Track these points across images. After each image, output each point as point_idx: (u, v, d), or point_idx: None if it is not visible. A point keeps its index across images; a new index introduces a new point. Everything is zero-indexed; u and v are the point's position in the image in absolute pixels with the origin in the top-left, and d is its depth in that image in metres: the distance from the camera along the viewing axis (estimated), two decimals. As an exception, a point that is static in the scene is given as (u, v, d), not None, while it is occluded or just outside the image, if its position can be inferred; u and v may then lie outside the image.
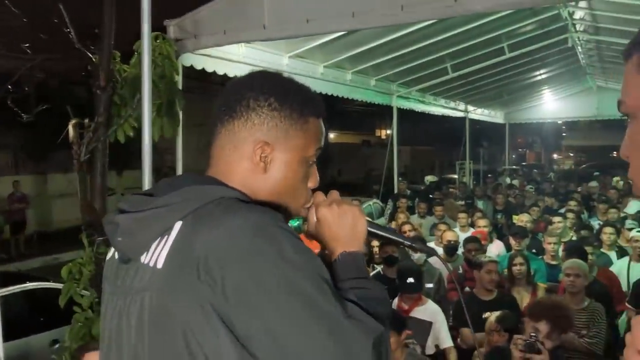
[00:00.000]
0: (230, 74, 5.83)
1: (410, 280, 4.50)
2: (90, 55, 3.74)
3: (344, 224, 1.18)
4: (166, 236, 1.03)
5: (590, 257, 5.26)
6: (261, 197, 1.14)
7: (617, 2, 6.89)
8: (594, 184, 13.46)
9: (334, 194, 1.25)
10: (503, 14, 6.70)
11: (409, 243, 1.35)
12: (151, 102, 3.37)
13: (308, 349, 0.94)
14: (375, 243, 6.03)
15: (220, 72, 5.60)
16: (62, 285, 3.80)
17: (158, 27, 4.99)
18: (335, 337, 0.95)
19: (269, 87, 1.17)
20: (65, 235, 12.08)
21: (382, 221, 8.19)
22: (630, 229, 6.27)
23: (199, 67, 5.21)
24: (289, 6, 4.58)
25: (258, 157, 1.14)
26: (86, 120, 3.56)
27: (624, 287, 5.49)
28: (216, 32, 4.82)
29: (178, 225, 1.03)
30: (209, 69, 5.36)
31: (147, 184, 3.41)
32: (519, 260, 5.10)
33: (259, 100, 1.14)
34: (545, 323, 3.14)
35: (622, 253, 6.21)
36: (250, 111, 1.14)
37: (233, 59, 5.63)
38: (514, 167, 25.48)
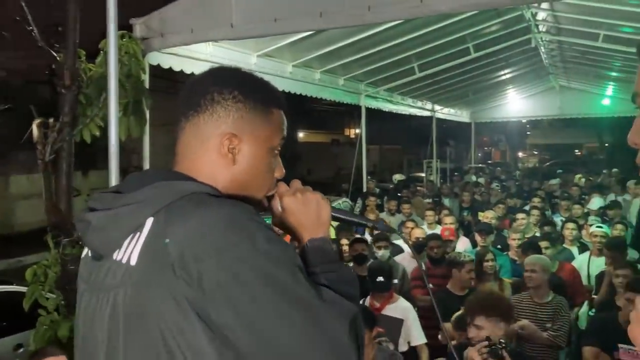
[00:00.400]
0: (198, 73, 5.78)
1: (380, 279, 4.55)
2: (55, 53, 3.67)
3: (309, 211, 1.22)
4: (138, 233, 1.04)
5: (546, 251, 5.40)
6: (229, 188, 1.15)
7: (578, 4, 7.08)
8: (555, 181, 13.79)
9: (296, 182, 1.28)
10: (468, 14, 6.82)
11: (371, 224, 1.38)
12: (117, 101, 3.33)
13: (288, 335, 0.96)
14: (344, 242, 6.07)
15: (188, 71, 5.56)
16: (26, 288, 3.72)
17: (124, 25, 4.94)
18: (313, 321, 0.98)
19: (232, 80, 1.19)
20: (29, 237, 11.79)
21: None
22: (591, 225, 6.46)
23: (165, 66, 5.16)
24: (256, 5, 4.58)
25: (226, 149, 1.15)
26: (51, 120, 3.49)
27: (585, 281, 5.67)
28: (183, 31, 4.78)
29: (150, 221, 1.03)
30: (176, 68, 5.32)
31: (113, 184, 3.36)
32: (489, 256, 5.21)
33: (224, 94, 1.15)
34: (483, 318, 3.12)
35: (583, 248, 6.39)
36: (215, 104, 1.15)
37: (200, 58, 5.59)
38: (480, 165, 25.89)
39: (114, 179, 3.37)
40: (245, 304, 0.95)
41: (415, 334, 4.45)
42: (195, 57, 5.53)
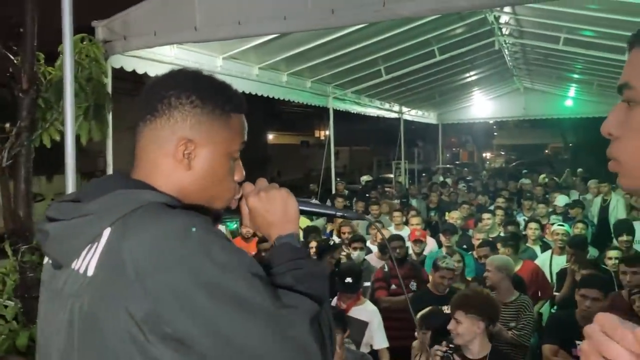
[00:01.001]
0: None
1: (349, 280, 4.57)
2: (12, 56, 3.59)
3: (275, 209, 1.23)
4: (96, 243, 1.03)
5: (504, 250, 5.51)
6: (188, 194, 1.15)
7: (539, 8, 7.25)
8: (526, 181, 14.03)
9: (261, 182, 1.28)
10: (432, 18, 6.91)
11: (340, 214, 1.40)
12: (74, 105, 3.26)
13: (249, 343, 0.97)
14: (314, 244, 6.07)
15: (152, 73, 5.49)
16: (-17, 296, 3.63)
17: (87, 28, 4.87)
18: (271, 328, 0.98)
19: (191, 84, 1.18)
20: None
21: (320, 222, 8.26)
22: (553, 224, 6.61)
23: (129, 68, 5.10)
24: (220, 8, 4.56)
25: (181, 154, 1.14)
26: (7, 125, 3.41)
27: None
28: (146, 33, 4.73)
29: (107, 232, 1.03)
30: (140, 71, 5.26)
31: (70, 189, 3.30)
32: (456, 257, 5.30)
33: (181, 98, 1.14)
34: (462, 314, 3.27)
35: (546, 247, 6.53)
36: (172, 109, 1.14)
37: (165, 61, 5.54)
38: (448, 166, 26.21)
39: (70, 184, 3.31)
40: (202, 316, 0.95)
41: (378, 338, 4.50)
42: (159, 60, 5.48)
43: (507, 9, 7.88)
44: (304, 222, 7.88)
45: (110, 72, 4.60)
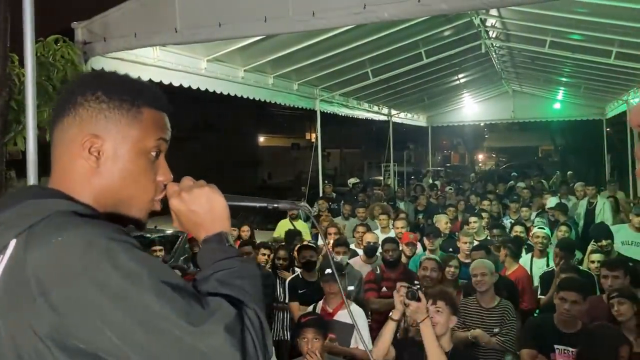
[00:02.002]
0: (145, 78, 5.66)
1: (328, 271, 4.55)
2: (-16, 58, 3.53)
3: (199, 209, 1.16)
4: (2, 255, 1.00)
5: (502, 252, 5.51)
6: (102, 198, 1.11)
7: (525, 11, 7.25)
8: (522, 184, 14.00)
9: (185, 181, 1.20)
10: (418, 20, 6.90)
11: (272, 205, 1.30)
12: (35, 107, 3.16)
13: (163, 356, 0.93)
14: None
15: (134, 76, 5.44)
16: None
17: (67, 29, 4.81)
18: (180, 343, 0.93)
19: (98, 82, 1.14)
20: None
21: (305, 226, 8.23)
22: (535, 227, 6.60)
23: (110, 70, 5.05)
24: (201, 10, 4.53)
25: (87, 151, 1.09)
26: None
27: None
28: (126, 35, 4.69)
29: (13, 243, 0.99)
30: (121, 73, 5.19)
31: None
32: (454, 263, 5.31)
33: (87, 95, 1.10)
34: (442, 303, 3.39)
35: (530, 250, 6.51)
36: (78, 107, 1.10)
37: (147, 63, 5.50)
38: (439, 168, 26.25)
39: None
40: (114, 329, 0.92)
41: (365, 340, 4.46)
42: (141, 62, 5.44)
43: (493, 12, 7.88)
44: (286, 226, 7.85)
45: (89, 74, 4.55)
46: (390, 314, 3.28)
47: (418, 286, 3.21)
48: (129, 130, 1.11)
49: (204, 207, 1.16)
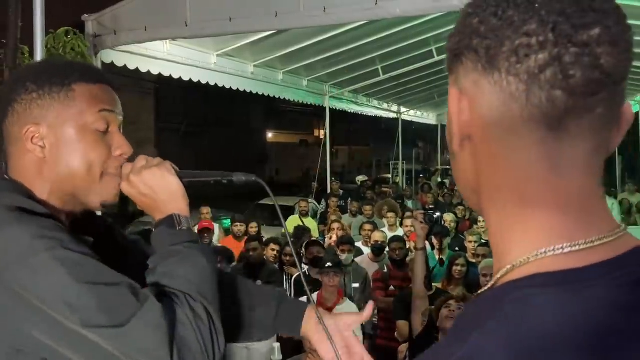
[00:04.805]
0: (154, 72, 5.69)
1: (329, 264, 4.57)
2: (-5, 50, 3.54)
3: (149, 192, 1.10)
4: None
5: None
6: (58, 188, 1.08)
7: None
8: None
9: (139, 161, 1.13)
10: (431, 17, 6.85)
11: (226, 179, 1.20)
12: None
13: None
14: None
15: (143, 69, 5.46)
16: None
17: (78, 22, 4.82)
18: (104, 349, 0.91)
19: (26, 75, 1.12)
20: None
21: (313, 224, 8.23)
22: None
23: (119, 64, 5.06)
24: (211, 4, 4.53)
25: (30, 142, 1.06)
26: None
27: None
28: (136, 29, 4.70)
29: None
30: (131, 66, 5.22)
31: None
32: (461, 261, 5.24)
33: (18, 91, 1.08)
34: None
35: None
36: (13, 104, 1.08)
37: (157, 57, 5.50)
38: (447, 167, 26.16)
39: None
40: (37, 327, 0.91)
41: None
42: (151, 56, 5.44)
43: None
44: (295, 222, 7.84)
45: (100, 66, 4.55)
46: (415, 243, 3.40)
47: (433, 211, 3.34)
48: (65, 111, 1.07)
49: (156, 189, 1.10)
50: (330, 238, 6.11)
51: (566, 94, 0.53)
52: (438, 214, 3.07)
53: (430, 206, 3.65)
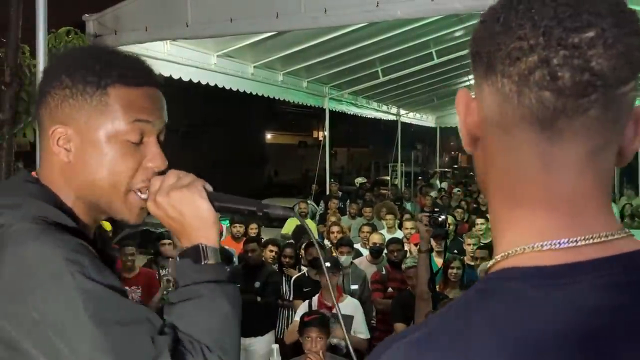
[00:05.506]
0: (155, 72, 5.68)
1: (327, 264, 4.61)
2: (-5, 49, 3.53)
3: (177, 216, 0.99)
4: None
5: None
6: (81, 194, 1.00)
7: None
8: None
9: (169, 178, 1.01)
10: (431, 19, 6.86)
11: (263, 211, 1.08)
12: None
13: None
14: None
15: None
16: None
17: (79, 21, 4.82)
18: None
19: (62, 65, 1.02)
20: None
21: (312, 224, 8.22)
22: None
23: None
24: (213, 4, 4.52)
25: (55, 144, 0.98)
26: (-12, 118, 3.35)
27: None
28: (137, 29, 4.69)
29: None
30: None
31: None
32: (456, 264, 5.25)
33: (52, 82, 0.99)
34: None
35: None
36: (47, 95, 0.99)
37: (158, 57, 5.48)
38: (446, 169, 26.19)
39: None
40: (41, 355, 0.84)
41: (362, 329, 4.63)
42: (152, 57, 5.41)
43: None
44: (294, 222, 7.83)
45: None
46: (419, 246, 3.48)
47: (439, 213, 3.36)
48: (96, 116, 0.97)
49: (182, 214, 0.99)
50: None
51: (554, 94, 0.54)
52: (443, 216, 3.07)
53: (436, 209, 3.64)
